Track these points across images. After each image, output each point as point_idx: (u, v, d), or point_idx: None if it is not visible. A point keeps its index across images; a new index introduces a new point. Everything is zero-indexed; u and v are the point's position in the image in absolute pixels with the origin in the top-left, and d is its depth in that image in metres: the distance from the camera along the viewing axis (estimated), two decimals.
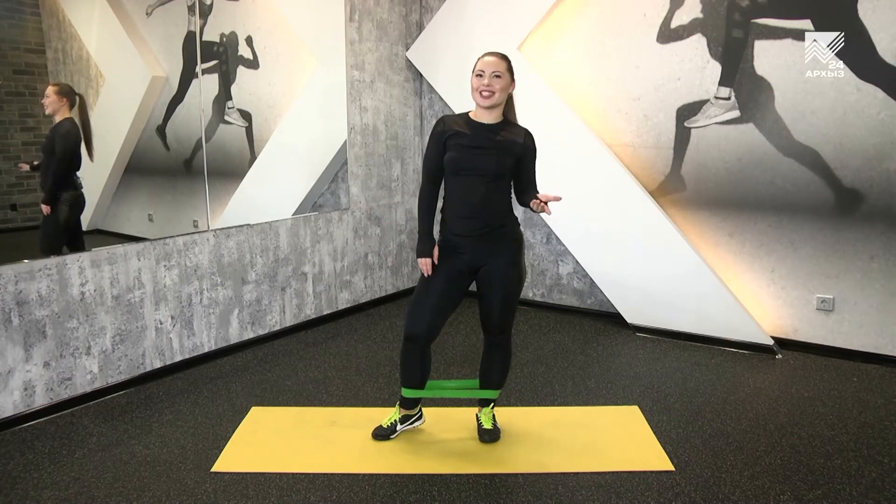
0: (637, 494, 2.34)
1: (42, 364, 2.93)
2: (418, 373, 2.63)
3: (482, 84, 2.45)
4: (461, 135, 2.52)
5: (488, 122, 2.53)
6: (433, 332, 2.57)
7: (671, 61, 3.95)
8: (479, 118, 2.54)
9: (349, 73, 4.36)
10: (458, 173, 2.52)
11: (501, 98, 2.49)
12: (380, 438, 2.74)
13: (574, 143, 4.20)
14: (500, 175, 2.51)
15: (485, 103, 2.47)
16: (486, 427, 2.75)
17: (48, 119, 3.07)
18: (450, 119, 2.57)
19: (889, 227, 3.50)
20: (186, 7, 3.57)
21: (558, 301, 4.65)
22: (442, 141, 2.54)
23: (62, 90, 3.10)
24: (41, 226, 3.11)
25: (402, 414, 2.76)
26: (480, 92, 2.46)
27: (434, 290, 2.57)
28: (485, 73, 2.44)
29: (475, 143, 2.50)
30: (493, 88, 2.45)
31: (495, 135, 2.52)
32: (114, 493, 2.34)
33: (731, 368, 3.57)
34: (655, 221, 4.00)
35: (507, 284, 2.57)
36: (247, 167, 4.01)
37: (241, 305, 3.81)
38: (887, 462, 2.57)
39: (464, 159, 2.50)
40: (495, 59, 2.46)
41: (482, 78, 2.45)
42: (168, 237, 3.41)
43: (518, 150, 2.53)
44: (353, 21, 4.36)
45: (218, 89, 3.82)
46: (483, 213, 2.53)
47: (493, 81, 2.44)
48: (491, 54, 2.49)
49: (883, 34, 3.36)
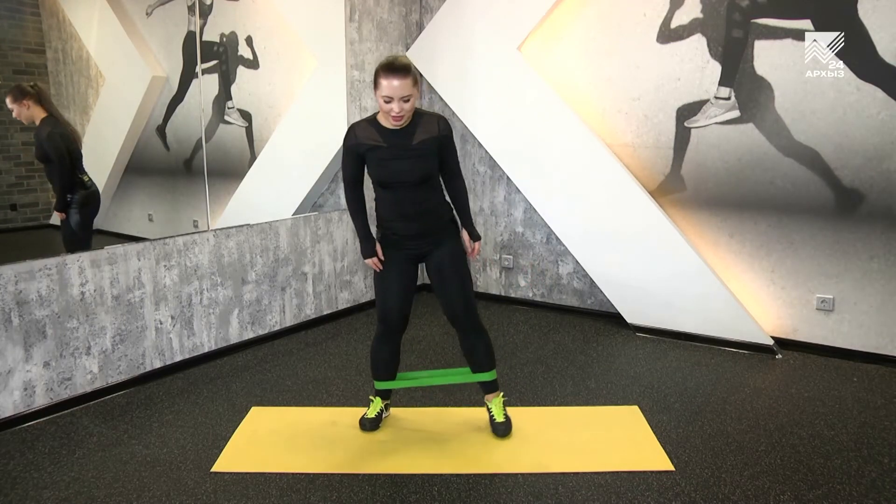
0: (637, 494, 2.34)
1: (42, 364, 2.93)
2: (390, 365, 2.75)
3: (392, 110, 2.36)
4: (377, 148, 2.47)
5: (400, 127, 2.46)
6: (404, 321, 2.68)
7: (671, 61, 3.95)
8: (391, 124, 2.46)
9: (349, 73, 4.36)
10: (385, 186, 2.52)
11: (411, 112, 2.44)
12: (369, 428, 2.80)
13: (574, 144, 4.20)
14: (427, 178, 2.53)
15: (396, 125, 2.44)
16: (499, 420, 2.77)
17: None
18: (360, 130, 2.50)
19: (889, 227, 3.50)
20: (186, 7, 3.57)
21: (558, 301, 4.65)
22: (358, 154, 2.50)
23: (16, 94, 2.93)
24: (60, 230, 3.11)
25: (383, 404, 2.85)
26: (393, 118, 2.39)
27: (391, 279, 2.64)
28: (393, 98, 2.33)
29: (393, 154, 2.47)
30: (404, 112, 2.37)
31: (411, 139, 2.47)
32: (114, 493, 2.34)
33: (731, 368, 3.57)
34: (655, 221, 4.00)
35: (459, 266, 2.64)
36: (247, 167, 4.02)
37: (241, 305, 3.81)
38: (887, 462, 2.58)
39: (386, 173, 2.48)
40: (400, 83, 2.30)
41: (391, 103, 2.34)
42: (168, 237, 3.41)
43: (437, 145, 2.51)
44: (353, 21, 4.36)
45: (218, 89, 3.82)
46: (418, 217, 2.56)
47: (403, 106, 2.36)
48: (395, 74, 2.31)
49: (883, 34, 3.36)
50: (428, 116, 2.53)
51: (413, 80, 2.36)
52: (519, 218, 4.68)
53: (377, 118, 2.50)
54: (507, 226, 4.74)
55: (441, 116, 2.55)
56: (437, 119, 2.53)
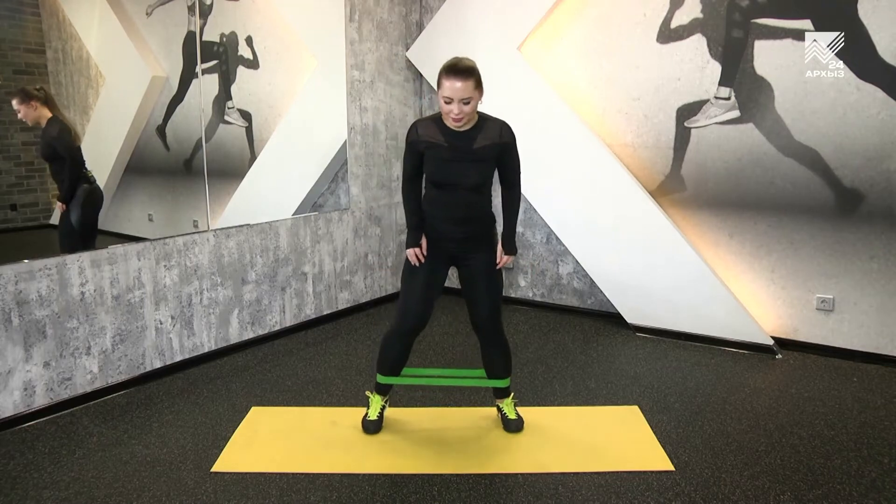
0: (637, 494, 2.34)
1: (42, 364, 2.93)
2: (400, 362, 2.75)
3: (451, 111, 2.36)
4: (437, 146, 2.47)
5: (464, 128, 2.47)
6: (424, 322, 2.68)
7: (671, 61, 3.95)
8: (452, 125, 2.46)
9: (349, 73, 4.36)
10: (439, 186, 2.53)
11: (473, 115, 2.44)
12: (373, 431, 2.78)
13: (574, 143, 4.20)
14: (482, 184, 2.53)
15: (456, 126, 2.43)
16: (511, 417, 2.80)
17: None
18: (423, 127, 2.50)
19: (889, 227, 3.50)
20: (186, 7, 3.57)
21: (558, 301, 4.65)
22: (418, 151, 2.51)
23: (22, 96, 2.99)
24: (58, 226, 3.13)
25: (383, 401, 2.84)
26: (453, 119, 2.39)
27: (419, 281, 2.63)
28: (453, 100, 2.34)
29: (453, 156, 2.46)
30: (463, 115, 2.37)
31: (472, 142, 2.46)
32: (114, 493, 2.34)
33: (731, 368, 3.57)
34: (655, 221, 4.00)
35: (493, 277, 2.66)
36: (247, 167, 4.01)
37: (241, 305, 3.81)
38: (887, 462, 2.58)
39: (443, 173, 2.49)
40: (462, 85, 2.31)
41: (451, 105, 2.35)
42: (168, 237, 3.41)
43: (497, 152, 2.50)
44: (353, 21, 4.36)
45: (218, 89, 3.82)
46: (465, 222, 2.57)
47: (463, 109, 2.36)
48: (457, 76, 2.32)
49: (883, 34, 3.36)
50: (492, 122, 2.51)
51: (475, 82, 2.36)
52: (519, 218, 4.67)
53: (441, 117, 2.49)
54: None
55: (505, 123, 2.53)
56: (500, 125, 2.52)
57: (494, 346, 2.73)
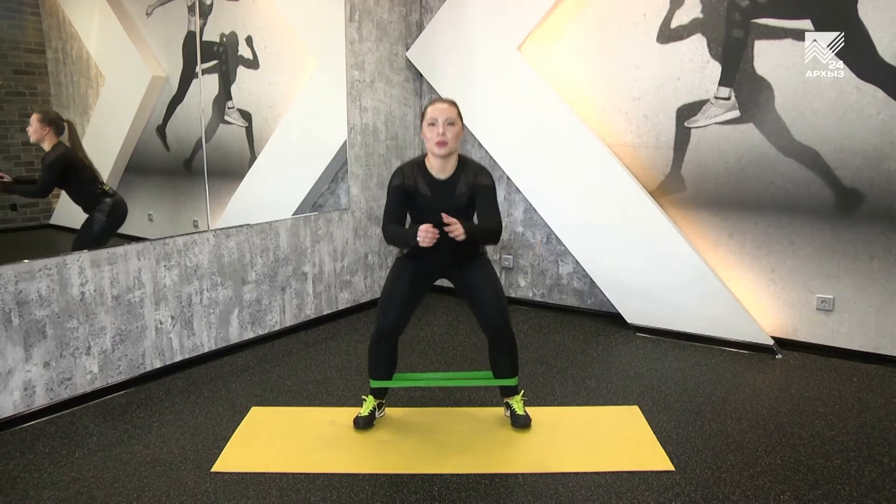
0: (637, 494, 2.34)
1: (42, 364, 2.93)
2: (387, 365, 2.79)
3: (436, 134, 2.48)
4: (421, 195, 2.60)
5: (445, 176, 2.59)
6: (401, 327, 2.74)
7: (671, 61, 3.95)
8: (436, 171, 2.59)
9: (349, 73, 4.36)
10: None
11: (455, 145, 2.56)
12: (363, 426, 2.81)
13: (574, 143, 4.20)
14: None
15: (440, 152, 2.52)
16: (519, 413, 2.83)
17: None
18: (408, 172, 2.62)
19: (889, 227, 3.50)
20: (186, 7, 3.57)
21: (558, 301, 4.65)
22: (405, 192, 2.61)
23: (45, 118, 3.01)
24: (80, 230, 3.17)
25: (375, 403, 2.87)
26: (436, 143, 2.50)
27: (400, 290, 2.70)
28: (437, 120, 2.49)
29: (436, 204, 2.58)
30: (447, 138, 2.49)
31: (454, 189, 2.59)
32: (114, 493, 2.34)
33: (731, 368, 3.57)
34: (655, 221, 4.00)
35: (491, 278, 2.71)
36: (247, 167, 4.01)
37: (241, 305, 3.81)
38: (887, 462, 2.58)
39: (427, 219, 2.56)
40: (446, 106, 2.51)
41: (435, 127, 2.49)
42: (168, 237, 3.41)
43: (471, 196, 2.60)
44: (353, 21, 4.36)
45: (218, 89, 3.82)
46: (452, 249, 2.63)
47: (447, 129, 2.49)
48: (441, 101, 2.53)
49: (883, 34, 3.36)
50: (472, 165, 2.64)
51: (458, 111, 2.56)
52: (519, 218, 4.68)
53: (424, 161, 2.61)
54: (507, 226, 4.74)
55: (483, 168, 2.65)
56: (477, 169, 2.63)
57: (505, 347, 2.77)
